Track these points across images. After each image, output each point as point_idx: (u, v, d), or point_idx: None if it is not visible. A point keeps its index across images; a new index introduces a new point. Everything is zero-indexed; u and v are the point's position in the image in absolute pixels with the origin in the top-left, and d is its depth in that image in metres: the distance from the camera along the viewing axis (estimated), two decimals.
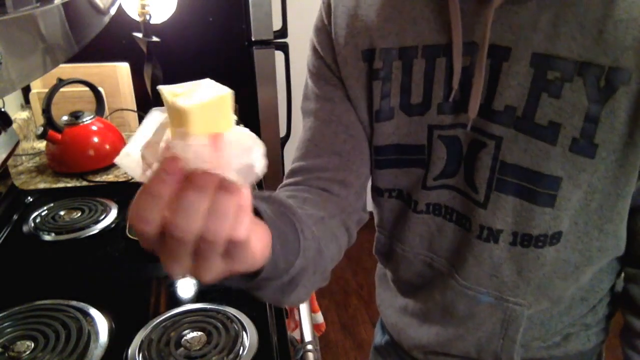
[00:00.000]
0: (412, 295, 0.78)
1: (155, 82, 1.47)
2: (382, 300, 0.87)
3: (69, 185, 1.35)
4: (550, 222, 0.59)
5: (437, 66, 0.59)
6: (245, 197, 0.36)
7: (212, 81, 0.37)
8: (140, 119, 1.66)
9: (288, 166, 0.70)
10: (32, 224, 1.14)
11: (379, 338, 0.93)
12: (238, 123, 0.38)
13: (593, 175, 0.56)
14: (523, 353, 0.71)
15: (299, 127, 0.74)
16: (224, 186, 0.34)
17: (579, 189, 0.57)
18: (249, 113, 1.72)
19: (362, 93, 0.65)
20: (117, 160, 0.37)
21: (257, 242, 0.39)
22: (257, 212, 0.45)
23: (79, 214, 1.17)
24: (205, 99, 0.34)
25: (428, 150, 0.64)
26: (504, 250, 0.63)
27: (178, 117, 0.34)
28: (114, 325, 0.84)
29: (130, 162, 0.37)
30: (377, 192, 0.72)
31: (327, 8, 0.66)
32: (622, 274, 0.72)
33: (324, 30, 0.67)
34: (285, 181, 0.67)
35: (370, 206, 0.80)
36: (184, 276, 0.36)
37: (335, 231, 0.63)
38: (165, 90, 0.35)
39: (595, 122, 0.53)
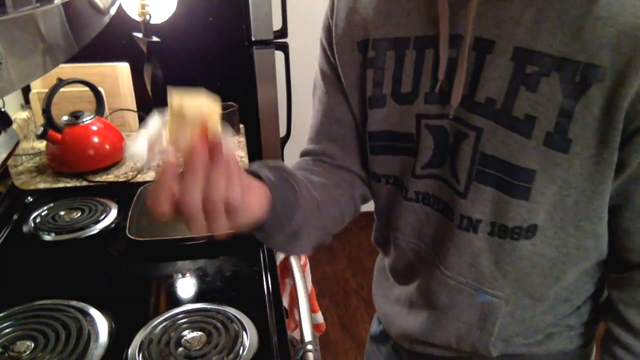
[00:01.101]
0: (404, 283, 0.80)
1: (155, 82, 1.47)
2: (376, 290, 0.89)
3: (69, 185, 1.35)
4: (525, 214, 0.60)
5: (426, 57, 0.62)
6: (232, 169, 0.47)
7: (207, 93, 0.48)
8: (141, 118, 1.66)
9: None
10: (32, 224, 1.14)
11: (374, 328, 0.95)
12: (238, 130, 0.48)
13: (567, 171, 0.56)
14: (503, 348, 0.71)
15: (299, 127, 0.79)
16: (214, 162, 0.46)
17: (553, 184, 0.57)
18: (249, 113, 1.72)
19: (356, 81, 0.69)
20: (128, 151, 0.45)
21: (253, 199, 0.53)
22: (260, 178, 0.57)
23: (79, 214, 1.17)
24: (203, 108, 0.47)
25: (417, 139, 0.66)
26: (482, 240, 0.64)
27: (181, 118, 0.46)
28: (114, 325, 0.84)
29: (138, 152, 0.48)
30: (374, 177, 0.74)
31: (331, 4, 0.70)
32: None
33: (328, 27, 0.71)
34: (302, 157, 0.78)
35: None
36: (203, 233, 0.48)
37: (338, 197, 0.71)
38: (174, 95, 0.46)
39: (569, 117, 0.54)
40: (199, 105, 0.46)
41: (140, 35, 1.44)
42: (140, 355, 0.77)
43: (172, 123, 0.47)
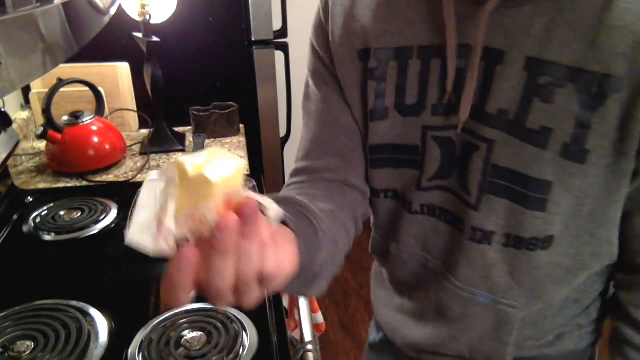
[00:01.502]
0: (407, 294, 0.78)
1: (155, 82, 1.47)
2: (377, 298, 0.87)
3: (69, 185, 1.35)
4: (542, 226, 0.59)
5: (432, 67, 0.59)
6: (265, 233, 0.39)
7: (221, 150, 0.40)
8: (141, 118, 1.66)
9: (288, 165, 0.71)
10: (32, 224, 1.14)
11: (373, 336, 0.93)
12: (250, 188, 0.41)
13: (584, 181, 0.56)
14: (516, 352, 0.71)
15: (299, 127, 0.75)
16: (244, 233, 0.38)
17: (570, 194, 0.57)
18: (249, 113, 1.72)
19: (357, 92, 0.65)
20: (129, 238, 0.39)
21: (286, 257, 0.43)
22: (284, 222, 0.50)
23: (79, 214, 1.17)
24: (227, 172, 0.38)
25: (422, 151, 0.64)
26: (496, 251, 0.63)
27: (202, 188, 0.37)
28: (114, 325, 0.84)
29: (142, 237, 0.39)
30: (373, 192, 0.71)
31: (325, 7, 0.66)
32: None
33: (321, 29, 0.67)
34: (290, 180, 0.69)
35: None
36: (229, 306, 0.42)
37: (345, 223, 0.65)
38: (187, 162, 0.38)
39: (587, 128, 0.53)
40: (219, 167, 0.38)
41: (140, 35, 1.44)
42: (140, 355, 0.77)
43: (185, 193, 0.38)
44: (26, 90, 1.58)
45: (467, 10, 0.55)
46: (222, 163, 0.38)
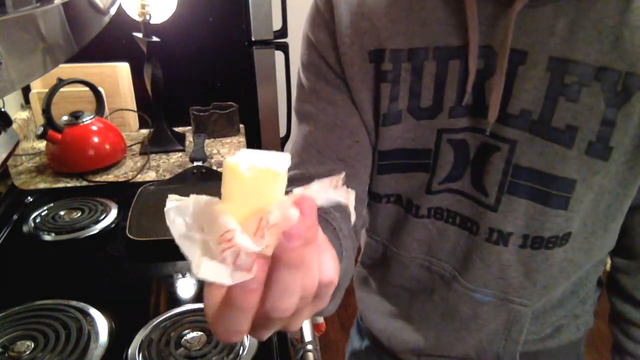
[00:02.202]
0: (405, 299, 0.77)
1: (155, 82, 1.47)
2: (365, 305, 0.84)
3: (69, 185, 1.35)
4: (562, 223, 0.60)
5: (449, 69, 0.58)
6: (321, 236, 0.33)
7: (253, 150, 0.33)
8: (141, 119, 1.66)
9: None
10: (32, 224, 1.14)
11: (357, 343, 0.90)
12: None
13: (605, 177, 0.57)
14: (520, 349, 0.71)
15: None
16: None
17: (591, 191, 0.58)
18: (249, 113, 1.72)
19: (368, 95, 0.62)
20: (202, 277, 0.29)
21: (331, 262, 0.34)
22: None
23: (79, 214, 1.17)
24: (285, 164, 0.31)
25: (435, 154, 0.62)
26: (512, 252, 0.63)
27: (266, 186, 0.31)
28: (114, 325, 0.84)
29: (214, 272, 0.30)
30: (374, 197, 0.70)
31: (328, 4, 0.62)
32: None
33: (324, 27, 0.62)
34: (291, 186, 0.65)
35: None
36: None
37: (350, 234, 0.61)
38: (239, 162, 0.31)
39: (612, 126, 0.54)
40: (274, 159, 0.31)
41: (140, 35, 1.44)
42: (140, 355, 0.77)
43: (239, 202, 0.31)
44: (26, 90, 1.58)
45: (491, 11, 0.55)
46: (270, 156, 0.32)
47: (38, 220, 1.15)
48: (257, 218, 0.30)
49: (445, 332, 0.73)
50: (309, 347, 0.87)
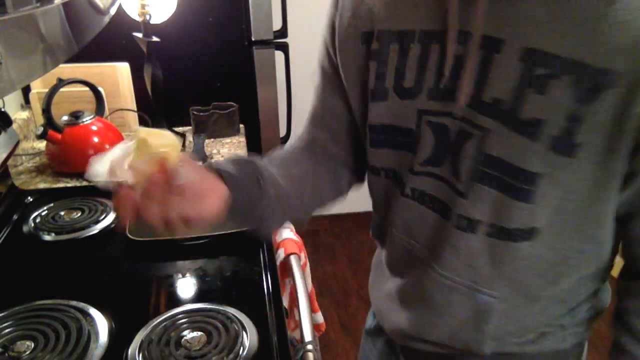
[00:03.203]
0: (397, 279, 0.80)
1: (155, 82, 1.47)
2: (372, 284, 0.89)
3: (69, 185, 1.35)
4: (527, 217, 0.59)
5: (431, 52, 0.60)
6: (188, 192, 0.57)
7: (167, 131, 0.62)
8: (141, 118, 1.66)
9: None
10: (32, 224, 1.14)
11: (370, 322, 0.96)
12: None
13: (572, 176, 0.56)
14: (496, 346, 0.71)
15: (299, 127, 0.81)
16: (170, 187, 0.56)
17: (557, 188, 0.57)
18: (249, 113, 1.72)
19: (358, 74, 0.69)
20: (87, 174, 0.58)
21: (208, 206, 0.59)
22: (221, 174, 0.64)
23: (79, 214, 1.17)
24: (165, 143, 0.58)
25: (417, 135, 0.65)
26: (480, 241, 0.64)
27: (145, 149, 0.57)
28: (114, 325, 0.84)
29: (100, 172, 0.58)
30: (373, 171, 0.74)
31: None
32: (608, 283, 0.71)
33: (331, 21, 0.71)
34: (288, 143, 0.82)
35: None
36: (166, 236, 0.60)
37: (319, 189, 0.78)
38: (142, 130, 0.59)
39: (578, 122, 0.53)
40: (162, 140, 0.58)
41: (140, 35, 1.44)
42: (140, 355, 0.77)
43: (137, 152, 0.57)
44: (26, 90, 1.58)
45: None
46: (165, 137, 0.59)
47: (38, 220, 1.15)
48: (134, 162, 0.57)
49: (423, 317, 0.74)
50: (309, 347, 0.87)
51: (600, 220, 0.60)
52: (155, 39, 1.43)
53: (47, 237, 1.10)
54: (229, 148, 1.59)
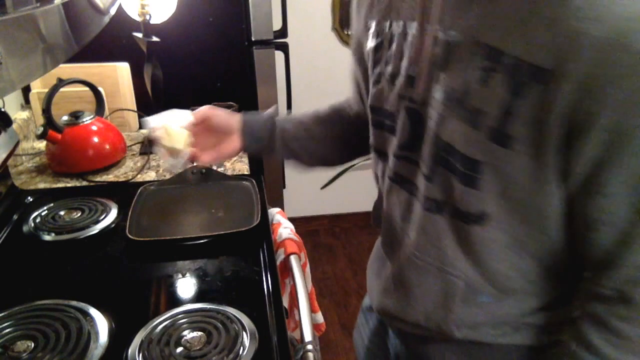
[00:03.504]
0: (384, 260, 0.82)
1: (155, 82, 1.47)
2: (369, 264, 0.93)
3: (69, 185, 1.35)
4: (476, 202, 0.62)
5: (408, 41, 0.67)
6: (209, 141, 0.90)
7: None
8: (141, 118, 1.66)
9: (288, 165, 0.90)
10: (32, 224, 1.14)
11: (366, 300, 0.98)
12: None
13: (510, 166, 0.58)
14: (470, 334, 0.72)
15: None
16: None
17: (499, 176, 0.59)
18: None
19: (363, 57, 0.78)
20: (146, 121, 0.90)
21: (226, 148, 0.92)
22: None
23: (79, 214, 1.17)
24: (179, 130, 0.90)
25: (396, 119, 0.71)
26: (445, 222, 0.67)
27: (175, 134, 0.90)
28: (114, 325, 0.84)
29: (153, 124, 0.88)
30: (373, 150, 0.80)
31: None
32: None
33: (355, 9, 0.80)
34: (339, 103, 0.97)
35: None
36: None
37: (339, 138, 0.95)
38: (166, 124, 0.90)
39: (512, 115, 0.55)
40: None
41: (140, 35, 1.44)
42: (140, 355, 0.77)
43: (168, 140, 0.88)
44: (26, 90, 1.59)
45: None
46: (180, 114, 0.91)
47: (38, 220, 1.15)
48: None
49: (401, 297, 0.77)
50: (309, 347, 0.87)
51: (543, 214, 0.61)
52: (155, 39, 1.44)
53: (47, 237, 1.10)
54: None
